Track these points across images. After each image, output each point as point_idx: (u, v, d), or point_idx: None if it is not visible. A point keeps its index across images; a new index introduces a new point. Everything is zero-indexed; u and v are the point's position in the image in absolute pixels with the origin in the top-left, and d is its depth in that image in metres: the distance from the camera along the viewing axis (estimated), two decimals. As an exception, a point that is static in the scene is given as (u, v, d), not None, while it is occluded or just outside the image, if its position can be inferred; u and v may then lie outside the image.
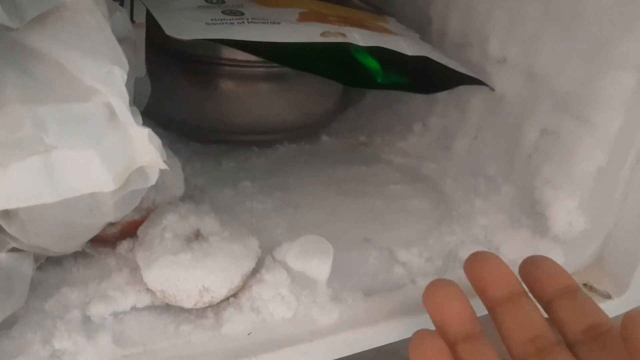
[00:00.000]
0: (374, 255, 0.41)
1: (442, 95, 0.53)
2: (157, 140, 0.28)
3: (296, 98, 0.54)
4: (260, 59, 0.49)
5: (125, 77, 0.27)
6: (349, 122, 0.60)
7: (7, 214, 0.28)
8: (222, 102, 0.52)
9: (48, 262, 0.35)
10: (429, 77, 0.45)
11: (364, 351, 0.35)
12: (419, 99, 0.57)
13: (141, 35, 0.42)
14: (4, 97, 0.25)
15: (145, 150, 0.28)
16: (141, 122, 0.29)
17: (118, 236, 0.38)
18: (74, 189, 0.26)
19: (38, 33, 0.27)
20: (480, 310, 0.31)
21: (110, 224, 0.36)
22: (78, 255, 0.36)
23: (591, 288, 0.41)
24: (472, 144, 0.51)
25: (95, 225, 0.31)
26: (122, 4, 0.41)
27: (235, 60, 0.50)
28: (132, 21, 0.41)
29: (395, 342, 0.36)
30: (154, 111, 0.43)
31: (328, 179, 0.51)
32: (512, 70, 0.46)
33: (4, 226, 0.29)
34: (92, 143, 0.26)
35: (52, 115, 0.25)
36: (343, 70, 0.42)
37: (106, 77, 0.26)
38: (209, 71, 0.51)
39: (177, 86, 0.52)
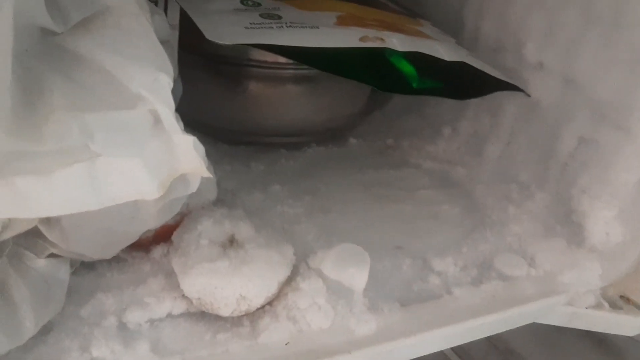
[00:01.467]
0: (407, 264, 0.40)
1: (473, 99, 0.53)
2: (202, 148, 0.28)
3: (324, 100, 0.53)
4: (289, 61, 0.49)
5: (172, 84, 0.26)
6: (376, 125, 0.60)
7: (48, 220, 0.28)
8: (250, 104, 0.52)
9: (82, 267, 0.35)
10: (464, 83, 0.44)
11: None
12: (448, 102, 0.56)
13: (174, 36, 0.41)
14: (52, 104, 0.24)
15: (189, 157, 0.27)
16: (183, 127, 0.28)
17: (152, 240, 0.37)
18: (117, 197, 0.26)
19: (83, 38, 0.27)
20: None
21: (145, 229, 0.35)
22: (112, 260, 0.35)
23: (628, 300, 0.41)
24: (504, 150, 0.51)
25: (136, 232, 0.31)
26: (156, 4, 0.41)
27: (265, 61, 0.49)
28: (166, 22, 0.40)
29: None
30: (182, 111, 0.43)
31: (357, 183, 0.50)
32: (549, 77, 0.45)
33: (45, 233, 0.28)
34: (137, 151, 0.26)
35: (99, 123, 0.25)
36: (378, 75, 0.42)
37: (153, 84, 0.26)
38: (237, 72, 0.50)
39: (206, 87, 0.51)
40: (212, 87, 0.51)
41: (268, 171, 0.50)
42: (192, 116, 0.51)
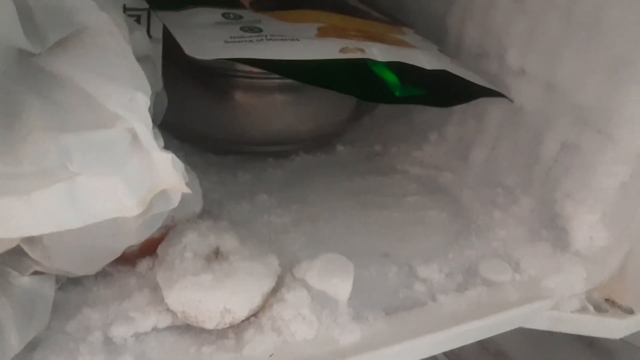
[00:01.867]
0: (394, 272, 0.40)
1: (459, 105, 0.53)
2: (180, 165, 0.28)
3: (311, 108, 0.53)
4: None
5: (149, 102, 0.27)
6: (363, 132, 0.60)
7: (31, 239, 0.28)
8: (237, 114, 0.52)
9: (68, 282, 0.35)
10: (448, 90, 0.45)
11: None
12: (434, 108, 0.56)
13: (158, 50, 0.42)
14: (29, 125, 0.25)
15: (168, 174, 0.28)
16: (162, 144, 0.29)
17: (137, 254, 0.37)
18: (97, 215, 0.26)
19: (60, 58, 0.27)
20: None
21: (130, 243, 0.35)
22: (98, 274, 0.36)
23: (613, 303, 0.41)
24: (489, 155, 0.51)
25: (118, 248, 0.31)
26: (138, 20, 0.41)
27: (251, 72, 0.50)
28: (149, 36, 0.41)
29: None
30: (169, 122, 0.43)
31: (345, 190, 0.50)
32: (532, 82, 0.46)
33: (27, 251, 0.29)
34: (116, 169, 0.26)
35: (76, 143, 0.25)
36: (360, 85, 0.42)
37: (130, 103, 0.26)
38: (223, 83, 0.51)
39: (192, 98, 0.51)
40: (199, 97, 0.51)
41: (255, 180, 0.50)
42: (179, 126, 0.52)
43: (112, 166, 0.26)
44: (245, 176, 0.50)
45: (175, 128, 0.51)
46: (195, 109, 0.51)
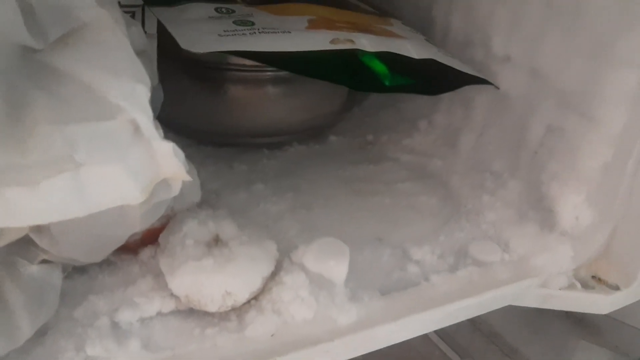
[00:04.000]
0: (387, 254, 0.42)
1: (447, 93, 0.54)
2: (181, 153, 0.29)
3: (303, 100, 0.55)
4: (268, 63, 0.50)
5: (149, 93, 0.28)
6: (355, 122, 0.61)
7: (39, 228, 0.30)
8: (231, 107, 0.53)
9: (74, 271, 0.36)
10: (435, 78, 0.46)
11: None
12: (423, 97, 0.58)
13: (153, 45, 0.43)
14: (35, 118, 0.26)
15: (169, 163, 0.29)
16: (162, 135, 0.30)
17: (139, 243, 0.39)
18: (102, 203, 0.28)
19: (62, 53, 0.28)
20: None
21: (132, 232, 0.37)
22: (102, 263, 0.37)
23: (600, 280, 0.43)
24: (477, 141, 0.52)
25: (122, 236, 0.32)
26: (133, 16, 0.42)
27: (244, 65, 0.51)
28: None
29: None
30: (165, 117, 0.44)
31: (338, 178, 0.52)
32: (516, 69, 0.47)
33: (36, 240, 0.30)
34: (119, 159, 0.27)
35: (81, 134, 0.26)
36: (351, 75, 0.43)
37: (130, 94, 0.27)
38: (217, 76, 0.52)
39: (187, 92, 0.52)
40: (194, 91, 0.53)
41: (250, 170, 0.51)
42: (175, 120, 0.53)
43: (116, 156, 0.27)
44: (241, 167, 0.52)
45: (171, 122, 0.52)
46: (190, 103, 0.53)
